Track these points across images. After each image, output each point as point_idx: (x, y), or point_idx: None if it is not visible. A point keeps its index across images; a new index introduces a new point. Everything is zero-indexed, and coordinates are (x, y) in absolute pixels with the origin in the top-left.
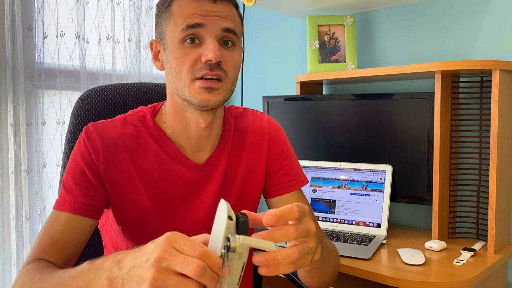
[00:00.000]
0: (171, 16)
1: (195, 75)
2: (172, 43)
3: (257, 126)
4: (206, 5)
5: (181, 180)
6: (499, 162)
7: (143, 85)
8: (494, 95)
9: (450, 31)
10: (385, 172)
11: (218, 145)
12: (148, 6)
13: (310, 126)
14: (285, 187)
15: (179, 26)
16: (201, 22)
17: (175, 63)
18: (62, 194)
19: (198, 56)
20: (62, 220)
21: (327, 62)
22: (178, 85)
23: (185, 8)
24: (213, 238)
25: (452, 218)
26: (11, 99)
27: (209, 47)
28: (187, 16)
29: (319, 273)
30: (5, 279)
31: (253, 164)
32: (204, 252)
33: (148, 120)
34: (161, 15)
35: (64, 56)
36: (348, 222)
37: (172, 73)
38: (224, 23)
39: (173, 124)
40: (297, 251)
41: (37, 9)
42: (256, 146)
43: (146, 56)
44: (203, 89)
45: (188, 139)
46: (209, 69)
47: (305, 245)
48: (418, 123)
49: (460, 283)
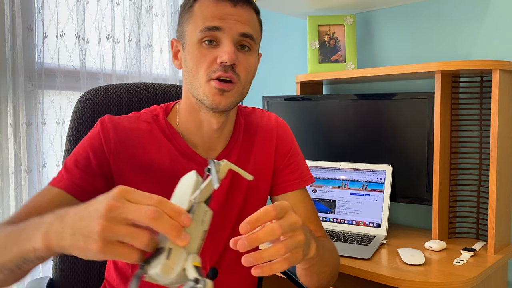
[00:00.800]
0: (192, 17)
1: (211, 76)
2: (191, 43)
3: (265, 124)
4: (226, 8)
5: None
6: (499, 162)
7: (143, 85)
8: (494, 95)
9: (450, 31)
10: (385, 172)
11: (229, 143)
12: (148, 6)
13: (310, 126)
14: (290, 185)
15: (199, 27)
16: (219, 25)
17: (192, 62)
18: (61, 172)
19: (215, 58)
20: (52, 194)
21: (327, 62)
22: (194, 84)
23: (206, 10)
24: (177, 196)
25: (452, 218)
26: (11, 99)
27: (225, 49)
28: (207, 18)
29: (317, 271)
30: None
31: (262, 162)
32: (159, 199)
33: (160, 119)
34: (183, 15)
35: (64, 56)
36: (348, 222)
37: (189, 72)
38: (242, 27)
39: (186, 123)
40: (283, 246)
41: (37, 9)
42: (265, 143)
43: (146, 56)
44: (216, 90)
45: (200, 137)
46: (223, 71)
47: (292, 240)
48: (418, 123)
49: (460, 283)
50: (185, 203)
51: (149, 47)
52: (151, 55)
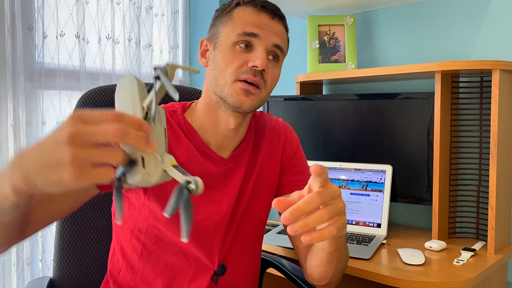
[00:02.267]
0: (230, 20)
1: (238, 77)
2: (225, 44)
3: (273, 127)
4: (265, 18)
5: (208, 171)
6: (499, 162)
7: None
8: (494, 95)
9: (450, 31)
10: (385, 172)
11: (241, 144)
12: (148, 6)
13: (310, 126)
14: (295, 185)
15: (237, 30)
16: (257, 33)
17: (222, 61)
18: None
19: (246, 61)
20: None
21: (327, 62)
22: (220, 81)
23: (246, 16)
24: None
25: (452, 218)
26: (11, 99)
27: (258, 55)
28: (246, 24)
29: (338, 258)
30: (5, 279)
31: (269, 162)
32: (117, 114)
33: (178, 115)
34: (221, 18)
35: (64, 56)
36: (348, 222)
37: (216, 70)
38: (276, 39)
39: (203, 120)
40: (326, 211)
41: (37, 9)
42: (273, 144)
43: (146, 56)
44: (242, 91)
45: (214, 135)
46: (252, 75)
47: (334, 206)
48: (418, 123)
49: (460, 283)
50: (138, 110)
51: (149, 47)
52: (151, 55)
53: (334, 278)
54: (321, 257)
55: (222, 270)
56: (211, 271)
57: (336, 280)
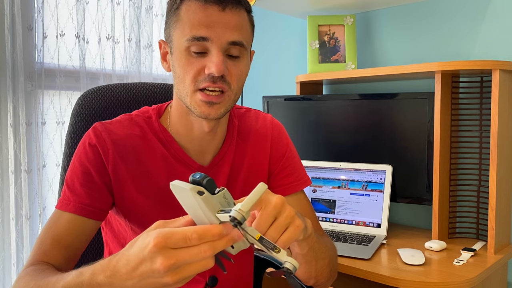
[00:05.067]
0: (178, 21)
1: (198, 86)
2: (178, 50)
3: (260, 127)
4: (214, 13)
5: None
6: (499, 162)
7: (143, 85)
8: (494, 95)
9: (450, 31)
10: (385, 172)
11: (222, 147)
12: (148, 6)
13: (310, 126)
14: (287, 188)
15: (186, 35)
16: (207, 36)
17: (180, 69)
18: (66, 193)
19: (202, 67)
20: (64, 220)
21: (327, 62)
22: (182, 91)
23: (193, 15)
24: (197, 218)
25: (452, 218)
26: (11, 99)
27: (213, 60)
28: (193, 26)
29: (316, 257)
30: (5, 279)
31: (256, 166)
32: (200, 234)
33: (153, 122)
34: (170, 17)
35: (64, 56)
36: (348, 222)
37: (176, 78)
38: (231, 35)
39: (177, 125)
40: (273, 229)
41: (37, 9)
42: (259, 147)
43: (146, 56)
44: (204, 103)
45: (191, 141)
46: (212, 82)
47: (279, 221)
48: (418, 123)
49: (460, 283)
50: (213, 219)
51: (149, 47)
52: (151, 55)
53: (320, 276)
54: (298, 259)
55: (213, 281)
56: (202, 283)
57: (325, 278)
